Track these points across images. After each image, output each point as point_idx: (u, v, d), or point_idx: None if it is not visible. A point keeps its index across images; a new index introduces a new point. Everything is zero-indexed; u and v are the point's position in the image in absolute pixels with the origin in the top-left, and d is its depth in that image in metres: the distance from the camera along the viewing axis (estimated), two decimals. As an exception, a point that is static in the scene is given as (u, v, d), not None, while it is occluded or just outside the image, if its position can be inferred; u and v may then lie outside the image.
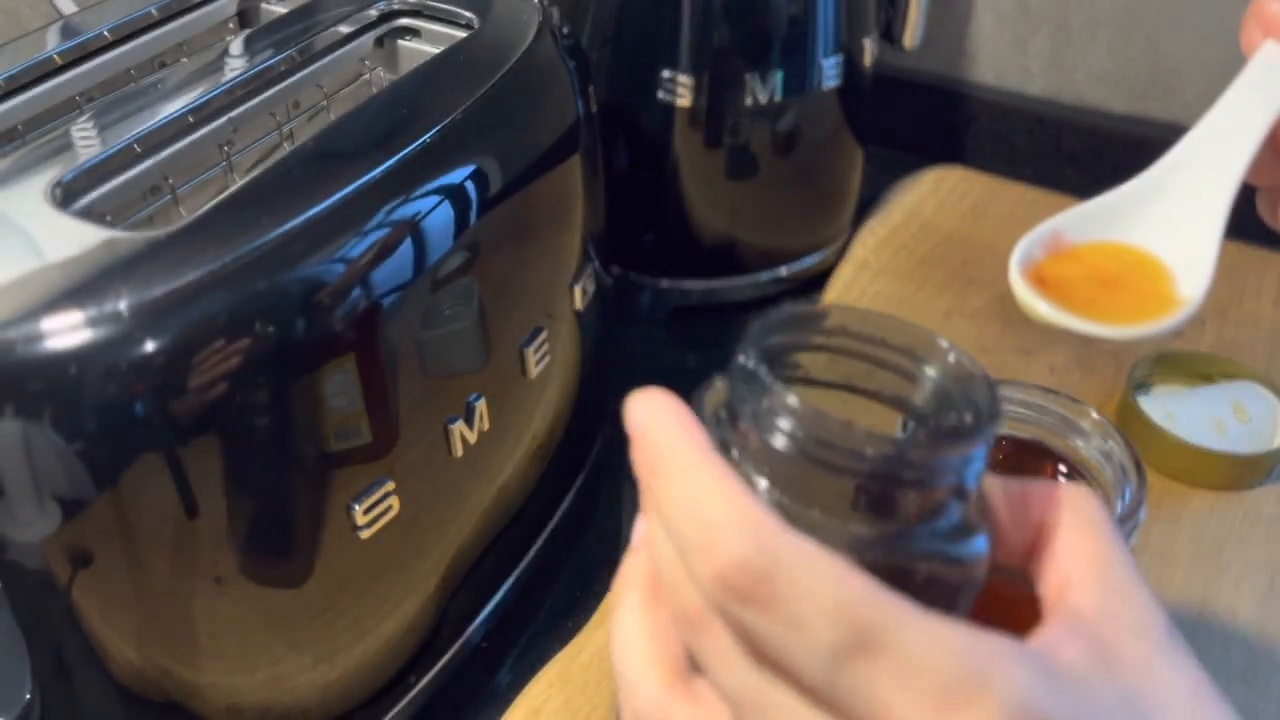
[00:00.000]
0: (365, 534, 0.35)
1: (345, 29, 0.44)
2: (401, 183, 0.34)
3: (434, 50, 0.44)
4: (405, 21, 0.45)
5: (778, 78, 0.57)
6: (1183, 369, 0.55)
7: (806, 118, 0.60)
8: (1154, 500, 0.50)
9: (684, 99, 0.57)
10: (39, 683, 0.33)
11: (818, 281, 0.65)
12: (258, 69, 0.40)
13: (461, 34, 0.44)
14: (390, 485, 0.35)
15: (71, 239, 0.31)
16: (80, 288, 0.29)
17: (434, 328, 0.36)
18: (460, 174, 0.36)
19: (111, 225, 0.34)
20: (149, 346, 0.28)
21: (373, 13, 0.44)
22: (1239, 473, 0.50)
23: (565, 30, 0.45)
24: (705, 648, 0.22)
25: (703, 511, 0.21)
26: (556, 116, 0.42)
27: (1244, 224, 0.32)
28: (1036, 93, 0.76)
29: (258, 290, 0.30)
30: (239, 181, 0.33)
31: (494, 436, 0.40)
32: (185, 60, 0.43)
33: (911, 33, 0.64)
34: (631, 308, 0.65)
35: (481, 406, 0.39)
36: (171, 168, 0.37)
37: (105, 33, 0.40)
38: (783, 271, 0.65)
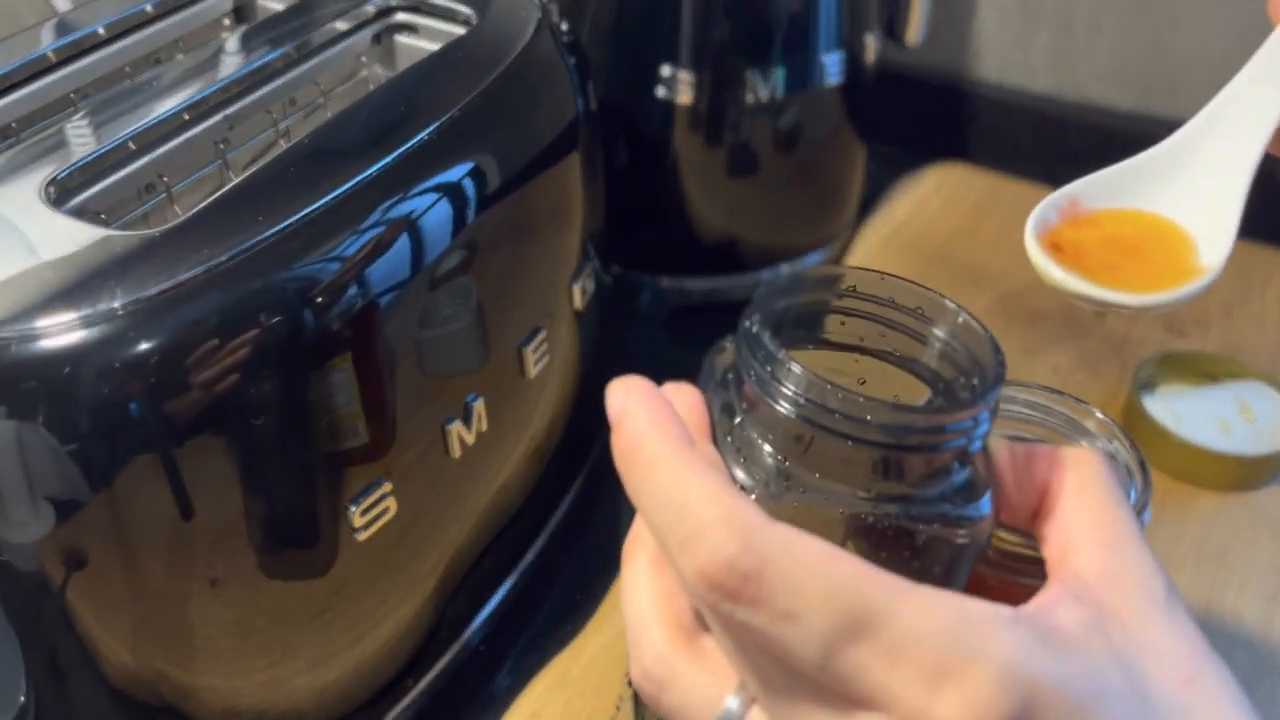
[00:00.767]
0: (362, 536, 0.35)
1: (342, 25, 0.43)
2: (399, 181, 0.34)
3: (431, 47, 0.43)
4: (402, 18, 0.45)
5: (779, 74, 0.57)
6: (1188, 369, 0.55)
7: (808, 115, 0.59)
8: (1159, 501, 0.50)
9: (684, 96, 0.57)
10: (34, 686, 0.33)
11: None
12: (254, 66, 0.39)
13: (459, 30, 0.43)
14: (388, 486, 0.35)
15: (65, 237, 0.30)
16: (74, 286, 0.29)
17: (431, 327, 0.36)
18: (458, 172, 0.36)
19: (106, 223, 0.33)
20: (144, 346, 0.28)
21: (370, 9, 0.44)
22: (1245, 474, 0.50)
23: (564, 27, 0.45)
24: (710, 620, 0.22)
25: (684, 509, 0.21)
26: (555, 114, 0.42)
27: (1248, 223, 0.32)
28: (1040, 90, 0.75)
29: (253, 289, 0.30)
30: (234, 179, 0.33)
31: (492, 437, 0.40)
32: (180, 57, 0.43)
33: (914, 29, 0.64)
34: (631, 307, 0.64)
35: (480, 407, 0.38)
36: (166, 165, 0.36)
37: (100, 29, 0.40)
38: (784, 270, 0.65)
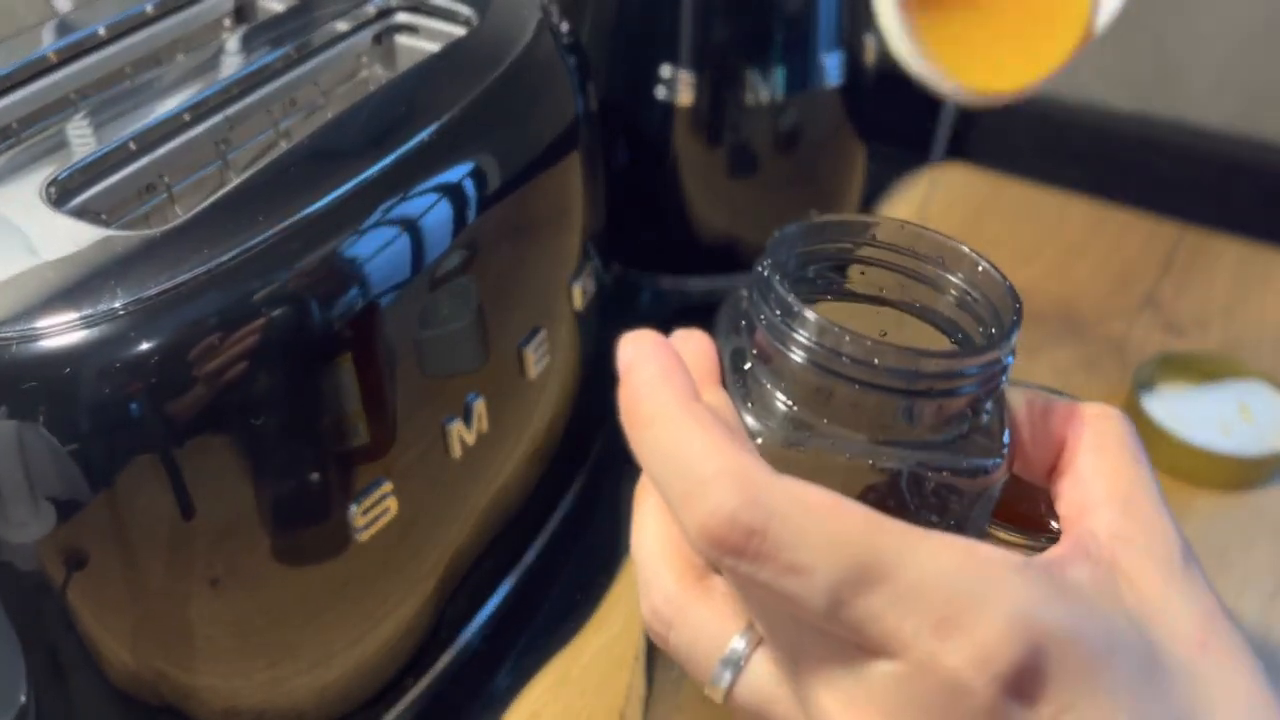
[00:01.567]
0: (363, 536, 0.35)
1: (342, 26, 0.43)
2: (399, 181, 0.34)
3: (432, 47, 0.43)
4: (403, 18, 0.45)
5: (779, 75, 0.57)
6: (1188, 369, 0.55)
7: (808, 115, 0.59)
8: (1158, 501, 0.50)
9: (684, 96, 0.57)
10: (34, 686, 0.33)
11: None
12: (254, 66, 0.39)
13: (460, 31, 0.43)
14: (388, 486, 0.35)
15: (66, 237, 0.30)
16: (75, 287, 0.29)
17: (432, 327, 0.36)
18: (458, 172, 0.36)
19: (106, 224, 0.33)
20: (144, 346, 0.28)
21: (370, 9, 0.44)
22: (1244, 474, 0.50)
23: (564, 27, 0.45)
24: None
25: (685, 464, 0.20)
26: (556, 114, 0.42)
27: (1249, 223, 0.32)
28: (1040, 90, 0.75)
29: (254, 289, 0.30)
30: (235, 180, 0.33)
31: (492, 437, 0.40)
32: (181, 57, 0.43)
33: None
34: (632, 307, 0.64)
35: (480, 407, 0.38)
36: (167, 166, 0.36)
37: (100, 30, 0.40)
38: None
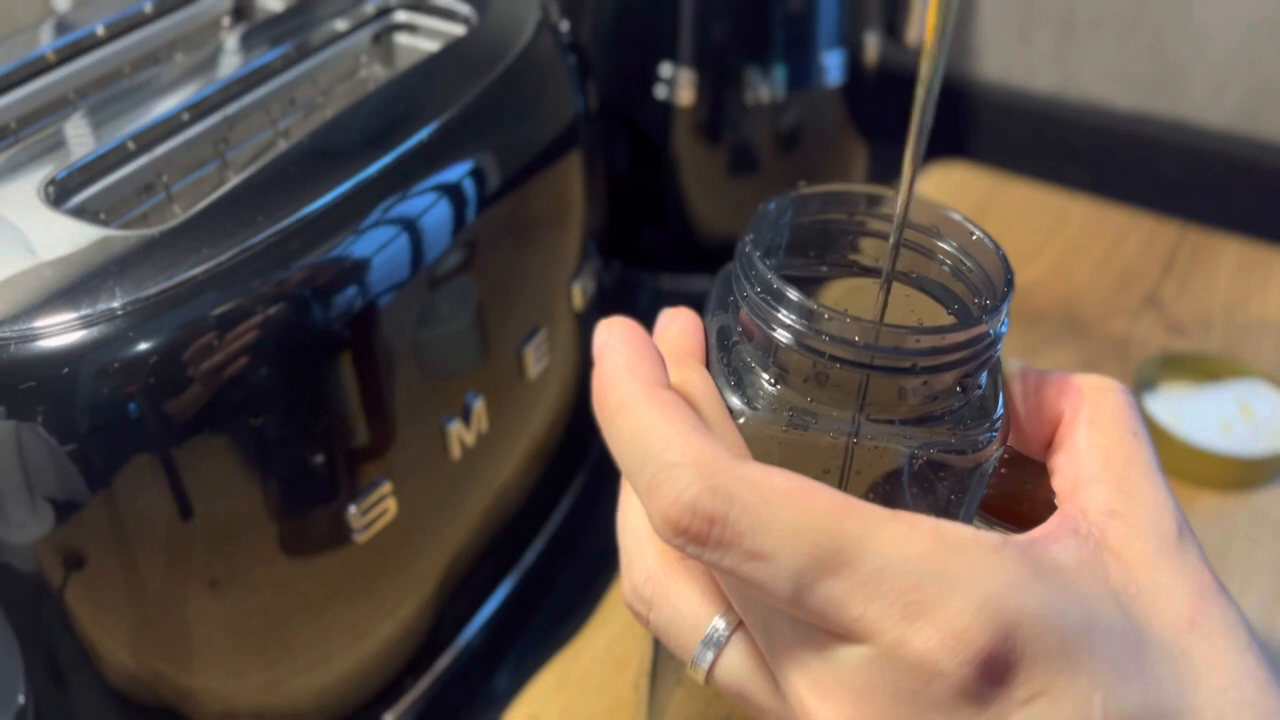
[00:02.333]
0: (362, 536, 0.35)
1: (341, 25, 0.43)
2: (398, 180, 0.34)
3: (431, 47, 0.43)
4: (402, 17, 0.45)
5: (779, 74, 0.56)
6: (1189, 369, 0.55)
7: (809, 114, 0.59)
8: (1159, 501, 0.50)
9: (684, 96, 0.57)
10: (32, 687, 0.33)
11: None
12: (253, 66, 0.39)
13: (459, 30, 0.43)
14: (387, 487, 0.35)
15: (65, 237, 0.30)
16: (74, 286, 0.29)
17: (431, 327, 0.35)
18: (458, 171, 0.36)
19: (105, 223, 0.33)
20: (143, 346, 0.28)
21: (369, 8, 0.44)
22: (1245, 474, 0.50)
23: (564, 27, 0.45)
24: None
25: (648, 452, 0.20)
26: (555, 113, 0.41)
27: (1250, 223, 0.32)
28: (1041, 89, 0.75)
29: (253, 289, 0.30)
30: (234, 179, 0.33)
31: (492, 438, 0.40)
32: (180, 57, 0.42)
33: (914, 28, 0.64)
34: (632, 306, 0.64)
35: (479, 407, 0.38)
36: (166, 165, 0.36)
37: (99, 29, 0.40)
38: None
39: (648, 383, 0.21)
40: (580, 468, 0.50)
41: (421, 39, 0.44)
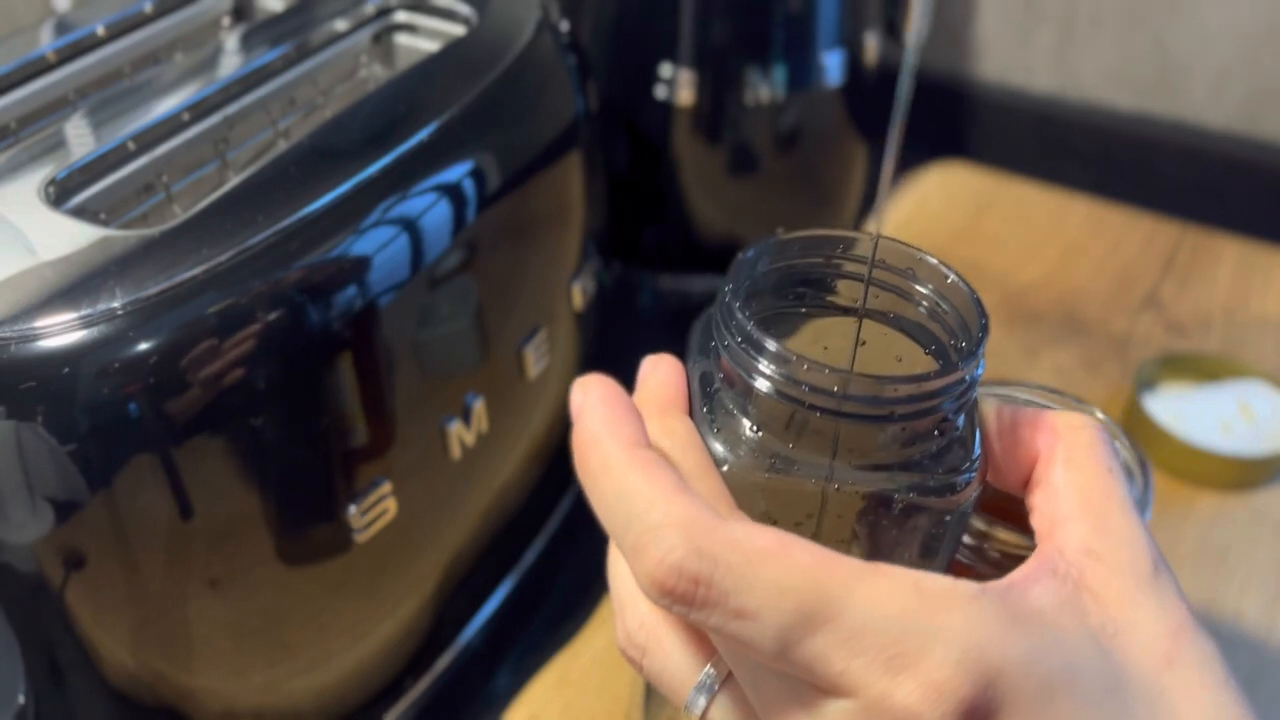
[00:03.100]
0: (362, 536, 0.35)
1: (341, 25, 0.43)
2: (398, 180, 0.34)
3: (431, 47, 0.43)
4: (402, 17, 0.45)
5: (779, 74, 0.57)
6: (1189, 369, 0.55)
7: (809, 114, 0.59)
8: (1160, 501, 0.50)
9: (684, 96, 0.57)
10: (32, 687, 0.33)
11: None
12: (253, 66, 0.39)
13: (459, 30, 0.43)
14: (387, 487, 0.35)
15: (65, 237, 0.30)
16: (74, 286, 0.29)
17: (431, 327, 0.35)
18: (458, 171, 0.36)
19: (105, 223, 0.33)
20: (143, 346, 0.28)
21: (369, 9, 0.44)
22: (1246, 474, 0.50)
23: (564, 27, 0.45)
24: None
25: (631, 513, 0.21)
26: (555, 113, 0.41)
27: (1250, 223, 0.32)
28: (1041, 89, 0.75)
29: (253, 289, 0.30)
30: (234, 179, 0.33)
31: (492, 438, 0.40)
32: (180, 57, 0.42)
33: (912, 30, 0.64)
34: (632, 306, 0.64)
35: (479, 407, 0.38)
36: (166, 165, 0.36)
37: (99, 29, 0.40)
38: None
39: (628, 443, 0.22)
40: (580, 468, 0.50)
41: (421, 39, 0.44)
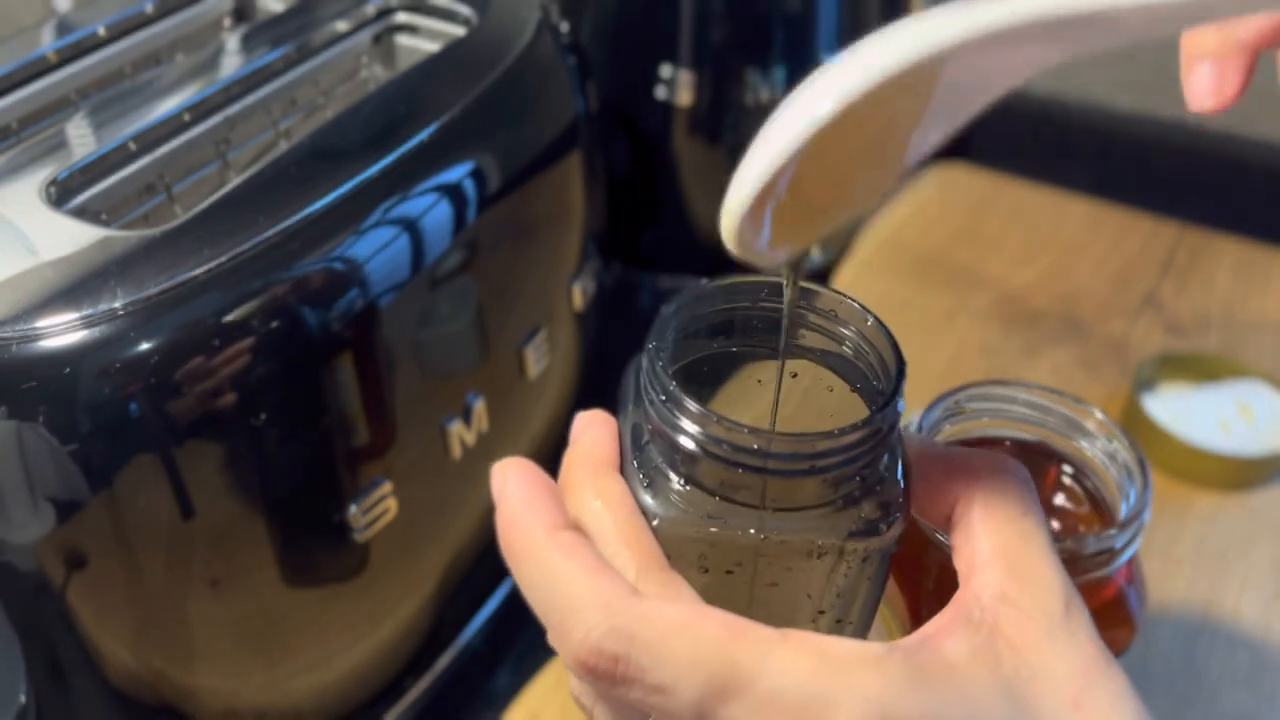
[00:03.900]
0: (362, 536, 0.35)
1: (342, 26, 0.43)
2: (399, 181, 0.34)
3: (432, 47, 0.43)
4: (403, 18, 0.45)
5: (779, 74, 0.57)
6: (1188, 369, 0.55)
7: (808, 115, 0.59)
8: (1159, 501, 0.50)
9: (684, 96, 0.57)
10: (34, 686, 0.33)
11: (819, 280, 0.65)
12: (254, 66, 0.39)
13: (460, 31, 0.43)
14: (388, 487, 0.35)
15: (66, 237, 0.30)
16: (75, 287, 0.29)
17: (432, 327, 0.36)
18: (458, 172, 0.36)
19: (106, 224, 0.33)
20: (144, 346, 0.28)
21: (370, 9, 0.44)
22: (1245, 474, 0.50)
23: (564, 27, 0.45)
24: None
25: (553, 595, 0.22)
26: (556, 114, 0.42)
27: (1249, 223, 0.32)
28: (1040, 90, 0.75)
29: (253, 289, 0.30)
30: (235, 180, 0.33)
31: (492, 438, 0.40)
32: (181, 57, 0.43)
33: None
34: (632, 306, 0.64)
35: (480, 407, 0.38)
36: (167, 166, 0.36)
37: (100, 30, 0.40)
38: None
39: (548, 526, 0.23)
40: (580, 468, 0.50)
41: (422, 40, 0.45)
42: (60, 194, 0.33)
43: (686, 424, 0.22)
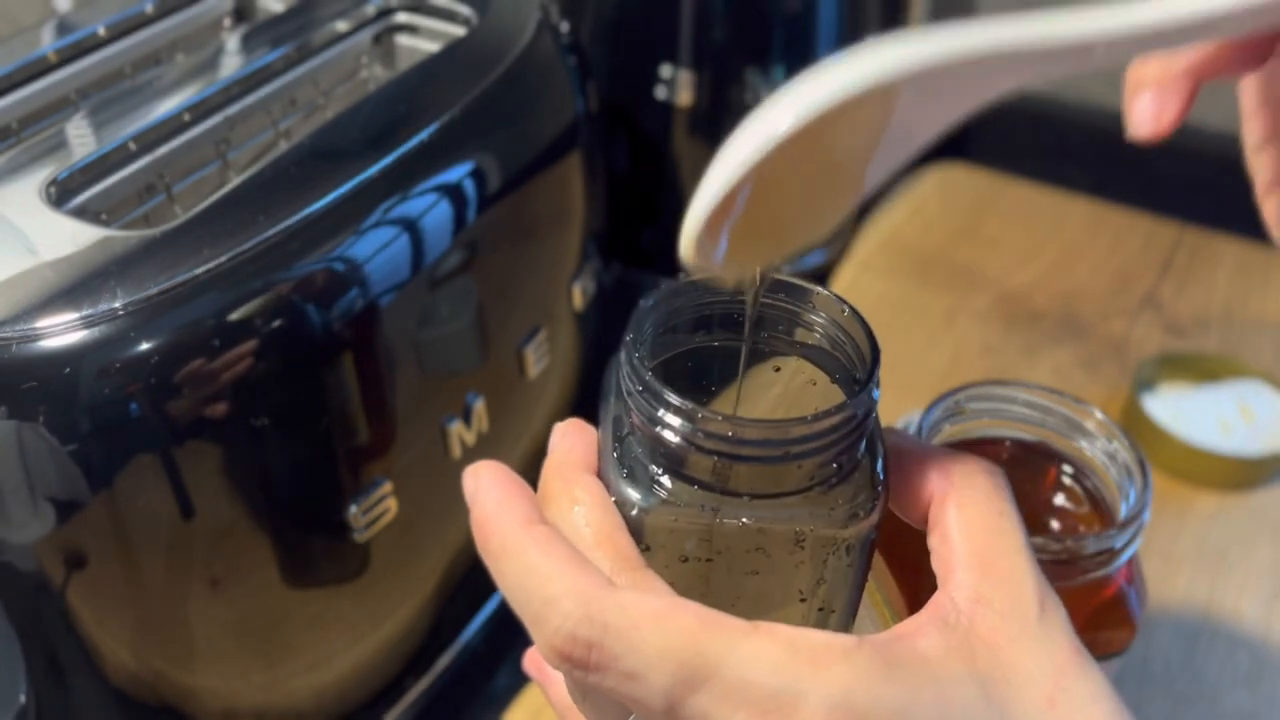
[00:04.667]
0: (362, 536, 0.35)
1: (342, 26, 0.43)
2: (399, 181, 0.34)
3: (432, 47, 0.43)
4: (403, 18, 0.45)
5: (779, 74, 0.57)
6: (1188, 369, 0.55)
7: (808, 115, 0.59)
8: (1159, 501, 0.50)
9: (684, 96, 0.57)
10: (34, 686, 0.33)
11: (819, 281, 0.65)
12: (254, 66, 0.39)
13: (460, 31, 0.43)
14: (388, 487, 0.35)
15: (66, 237, 0.30)
16: (75, 287, 0.29)
17: (432, 327, 0.36)
18: (458, 172, 0.36)
19: (106, 224, 0.33)
20: (144, 346, 0.28)
21: (370, 9, 0.44)
22: (1245, 474, 0.50)
23: (564, 27, 0.45)
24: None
25: (529, 588, 0.22)
26: (556, 114, 0.42)
27: (1249, 223, 0.32)
28: (1041, 90, 0.75)
29: (253, 289, 0.30)
30: (235, 180, 0.33)
31: (493, 437, 0.40)
32: (181, 57, 0.43)
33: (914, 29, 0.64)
34: (632, 307, 0.64)
35: (480, 407, 0.38)
36: (167, 166, 0.36)
37: (100, 30, 0.40)
38: (783, 270, 0.64)
39: (523, 522, 0.23)
40: (580, 468, 0.50)
41: (422, 40, 0.45)
42: (60, 194, 0.33)
43: (664, 414, 0.23)
